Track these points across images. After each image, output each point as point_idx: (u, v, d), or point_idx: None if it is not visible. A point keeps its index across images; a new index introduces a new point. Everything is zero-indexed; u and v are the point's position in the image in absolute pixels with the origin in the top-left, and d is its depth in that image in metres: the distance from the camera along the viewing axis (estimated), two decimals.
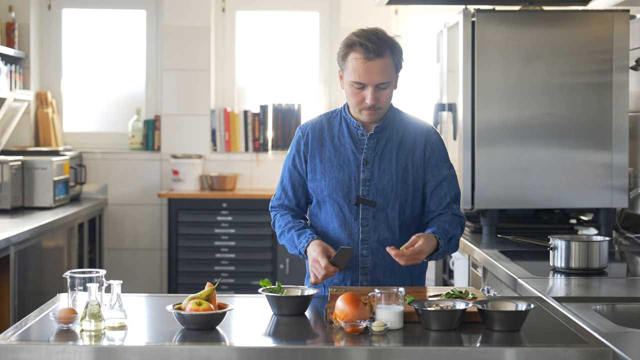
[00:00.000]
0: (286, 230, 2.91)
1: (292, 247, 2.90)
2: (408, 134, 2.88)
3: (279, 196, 3.01)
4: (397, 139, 2.87)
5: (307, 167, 2.91)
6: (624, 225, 4.15)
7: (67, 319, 2.34)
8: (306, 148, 2.91)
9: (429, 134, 2.91)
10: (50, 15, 6.39)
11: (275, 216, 3.01)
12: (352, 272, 2.88)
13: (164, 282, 6.23)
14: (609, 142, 3.98)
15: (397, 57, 2.79)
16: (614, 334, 2.28)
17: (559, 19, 4.04)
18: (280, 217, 2.98)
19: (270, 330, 2.42)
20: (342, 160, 2.86)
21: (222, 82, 6.42)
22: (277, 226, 2.97)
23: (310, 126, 2.94)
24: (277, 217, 3.00)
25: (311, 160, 2.91)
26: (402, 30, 6.35)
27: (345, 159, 2.86)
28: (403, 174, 2.86)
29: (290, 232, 2.89)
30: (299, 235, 2.85)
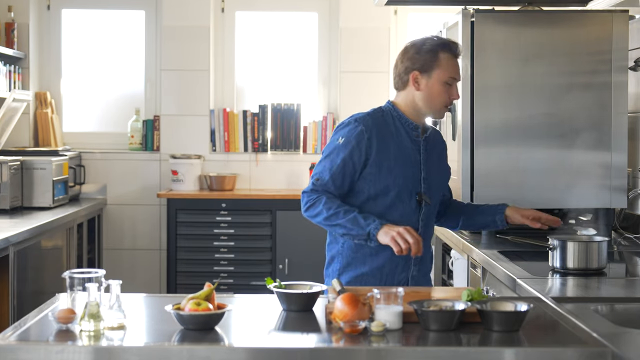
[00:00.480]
0: (342, 212, 2.93)
1: (353, 227, 2.91)
2: (439, 140, 3.20)
3: (325, 181, 2.99)
4: (437, 145, 3.17)
5: (370, 162, 2.98)
6: (622, 225, 4.15)
7: (66, 319, 2.34)
8: (370, 143, 2.98)
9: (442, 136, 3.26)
10: (50, 15, 6.39)
11: (319, 198, 2.97)
12: (405, 261, 3.03)
13: (163, 282, 6.23)
14: (608, 143, 3.98)
15: None
16: (612, 334, 2.28)
17: (558, 19, 4.04)
18: (328, 199, 2.96)
19: (269, 331, 2.42)
20: (406, 158, 3.03)
21: (221, 82, 6.42)
22: (326, 207, 2.95)
23: (371, 121, 3.02)
24: (322, 199, 2.96)
25: (377, 155, 2.98)
26: (401, 31, 6.36)
27: (408, 157, 3.03)
28: (444, 176, 3.22)
29: (350, 213, 2.92)
30: (365, 218, 2.91)
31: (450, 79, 2.98)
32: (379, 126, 3.01)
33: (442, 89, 2.98)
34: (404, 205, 3.03)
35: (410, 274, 3.07)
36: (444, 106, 3.01)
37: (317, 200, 2.98)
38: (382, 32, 6.26)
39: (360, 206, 3.01)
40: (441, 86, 2.98)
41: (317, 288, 2.63)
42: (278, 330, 2.44)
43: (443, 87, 2.98)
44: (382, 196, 3.01)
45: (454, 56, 2.99)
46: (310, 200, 3.00)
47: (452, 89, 2.99)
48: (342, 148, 2.99)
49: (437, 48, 2.97)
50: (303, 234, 5.87)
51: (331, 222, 2.97)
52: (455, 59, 2.99)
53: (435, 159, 3.13)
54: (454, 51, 2.98)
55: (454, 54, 2.98)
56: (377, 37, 6.24)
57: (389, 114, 3.06)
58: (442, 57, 2.97)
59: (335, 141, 3.01)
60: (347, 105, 6.27)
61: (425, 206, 3.08)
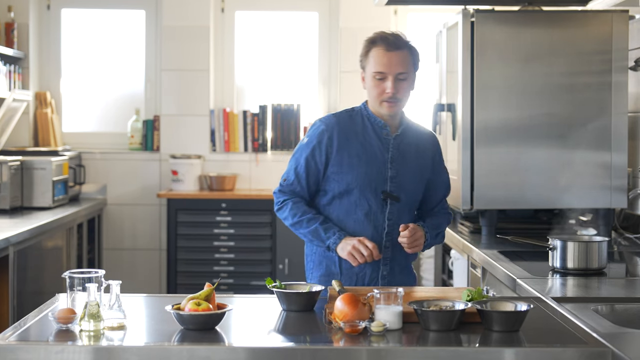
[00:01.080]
0: (305, 221, 3.00)
1: (314, 239, 3.00)
2: (421, 138, 3.14)
3: (291, 181, 3.06)
4: (415, 142, 3.10)
5: (331, 160, 3.01)
6: (623, 225, 4.15)
7: (66, 319, 2.34)
8: (330, 142, 3.01)
9: (435, 139, 3.20)
10: (50, 15, 6.39)
11: (286, 202, 3.06)
12: (374, 262, 3.02)
13: (163, 282, 6.23)
14: (608, 143, 3.98)
15: (415, 56, 3.03)
16: (612, 334, 2.28)
17: (558, 19, 4.04)
18: (294, 205, 3.03)
19: (269, 331, 2.42)
20: (370, 156, 3.01)
21: (221, 83, 6.42)
22: (291, 214, 3.03)
23: (334, 120, 3.05)
24: (288, 204, 3.04)
25: (338, 154, 3.00)
26: (401, 31, 6.34)
27: (372, 155, 3.01)
28: (420, 175, 3.10)
29: (312, 224, 2.99)
30: (325, 230, 2.98)
31: (378, 74, 2.96)
32: (342, 125, 3.03)
33: (374, 82, 2.98)
34: (370, 203, 3.02)
35: (380, 274, 3.06)
36: (379, 101, 3.00)
37: (285, 204, 3.06)
38: None
39: (328, 205, 3.06)
40: (371, 81, 2.99)
41: (317, 288, 2.64)
42: (278, 330, 2.44)
43: (373, 81, 2.98)
44: (347, 195, 3.02)
45: (385, 49, 2.95)
46: (279, 203, 3.09)
47: (384, 84, 2.96)
48: (305, 148, 3.04)
49: (370, 43, 2.99)
50: None
51: (295, 230, 3.06)
52: (387, 52, 2.94)
53: (412, 157, 3.07)
54: (387, 45, 2.95)
55: (386, 48, 2.94)
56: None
57: (359, 113, 3.09)
58: (371, 52, 2.97)
59: (301, 141, 3.09)
60: (347, 105, 6.19)
61: (393, 204, 3.03)
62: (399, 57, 2.95)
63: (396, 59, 2.95)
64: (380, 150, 3.03)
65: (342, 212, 3.04)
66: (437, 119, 4.45)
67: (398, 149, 3.05)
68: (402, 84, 2.98)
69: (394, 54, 2.95)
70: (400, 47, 2.96)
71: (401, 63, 2.96)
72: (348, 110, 3.12)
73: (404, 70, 2.96)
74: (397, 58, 2.95)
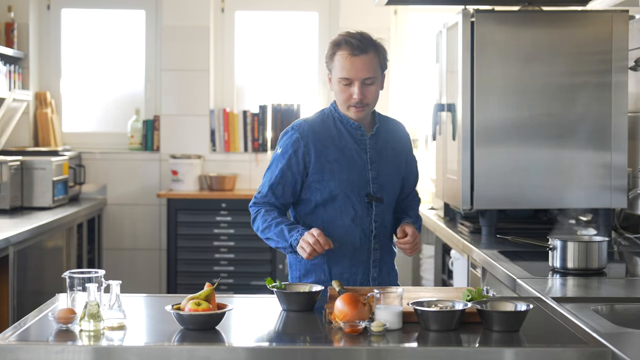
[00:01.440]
0: (274, 225, 2.90)
1: (280, 240, 2.89)
2: (395, 133, 3.10)
3: (265, 194, 2.98)
4: (391, 138, 3.06)
5: (310, 169, 2.94)
6: (623, 225, 4.15)
7: (66, 319, 2.34)
8: (307, 149, 2.94)
9: (405, 130, 3.17)
10: (50, 15, 6.39)
11: (259, 211, 2.97)
12: (364, 265, 3.00)
13: (163, 282, 6.23)
14: (608, 143, 3.98)
15: (382, 56, 2.93)
16: (612, 334, 2.28)
17: (558, 19, 4.04)
18: (265, 213, 2.95)
19: (269, 331, 2.42)
20: (350, 161, 2.96)
21: (221, 83, 6.42)
22: (262, 220, 2.94)
23: (307, 127, 2.97)
24: (261, 212, 2.96)
25: (317, 162, 2.94)
26: (401, 31, 6.36)
27: (352, 159, 2.96)
28: (398, 171, 3.07)
29: (279, 226, 2.89)
30: (290, 230, 2.87)
31: (343, 79, 2.88)
32: (316, 132, 2.95)
33: (340, 88, 2.90)
34: (355, 208, 2.97)
35: (370, 276, 3.02)
36: (347, 106, 2.93)
37: (257, 213, 2.97)
38: (382, 32, 6.17)
39: (310, 214, 2.99)
40: (337, 85, 2.91)
41: (317, 288, 2.64)
42: (278, 330, 2.44)
43: (339, 86, 2.90)
44: (330, 202, 2.96)
45: (351, 54, 2.85)
46: (252, 214, 2.99)
47: (350, 89, 2.88)
48: (279, 158, 2.96)
49: (335, 47, 2.90)
50: None
51: (264, 236, 2.94)
52: (352, 57, 2.85)
53: (389, 154, 3.03)
54: (351, 49, 2.85)
55: (350, 52, 2.85)
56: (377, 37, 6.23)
57: (330, 116, 3.00)
58: (337, 57, 2.89)
59: (275, 151, 3.00)
60: None
61: (377, 206, 3.00)
62: (364, 61, 2.86)
63: (361, 63, 2.85)
64: (358, 152, 2.97)
65: (327, 219, 2.97)
66: (437, 119, 4.45)
67: (375, 148, 3.00)
68: (369, 89, 2.91)
69: (359, 58, 2.85)
70: (365, 50, 2.86)
71: (367, 67, 2.87)
72: (318, 114, 3.02)
73: (370, 75, 2.88)
74: (362, 62, 2.86)
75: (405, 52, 6.36)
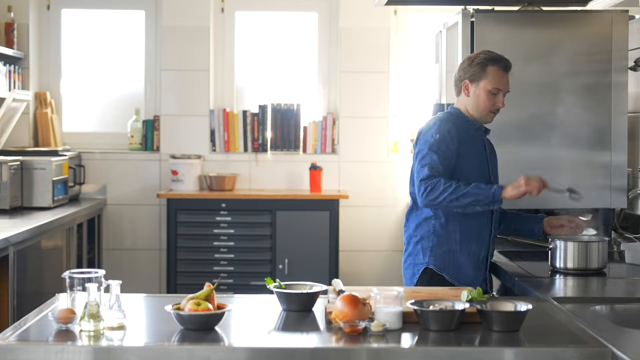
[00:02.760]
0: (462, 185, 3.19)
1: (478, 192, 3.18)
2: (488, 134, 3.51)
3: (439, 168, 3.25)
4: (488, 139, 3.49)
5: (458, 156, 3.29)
6: (622, 225, 4.15)
7: (66, 319, 2.34)
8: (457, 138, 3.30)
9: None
10: (49, 15, 6.39)
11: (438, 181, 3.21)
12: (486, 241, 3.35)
13: (163, 283, 6.23)
14: (607, 143, 3.98)
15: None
16: (612, 334, 2.29)
17: (558, 19, 4.04)
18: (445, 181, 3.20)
19: (269, 331, 2.42)
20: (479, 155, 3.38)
21: (221, 83, 6.42)
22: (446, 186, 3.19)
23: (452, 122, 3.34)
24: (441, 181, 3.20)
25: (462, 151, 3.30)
26: (401, 31, 6.36)
27: (480, 154, 3.39)
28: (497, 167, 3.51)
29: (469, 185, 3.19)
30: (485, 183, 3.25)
31: (495, 89, 3.33)
32: (458, 127, 3.33)
33: (487, 96, 3.34)
34: None
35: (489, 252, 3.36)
36: (488, 112, 3.36)
37: (436, 183, 3.22)
38: (382, 32, 6.26)
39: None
40: (486, 94, 3.33)
41: (317, 288, 2.64)
42: (278, 330, 2.44)
43: (487, 95, 3.33)
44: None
45: (503, 70, 3.35)
46: (429, 185, 3.22)
47: (497, 98, 3.35)
48: (440, 141, 3.28)
49: (488, 61, 3.36)
50: (303, 234, 5.87)
51: (455, 195, 3.19)
52: (502, 72, 3.35)
53: (492, 152, 3.48)
54: (503, 65, 3.35)
55: (502, 68, 3.35)
56: (377, 37, 6.25)
57: (458, 117, 3.38)
58: (490, 70, 3.34)
59: (430, 138, 3.30)
60: (347, 105, 6.27)
61: None
62: (508, 78, 3.39)
63: (507, 79, 3.38)
64: (482, 149, 3.40)
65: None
66: None
67: (489, 147, 3.45)
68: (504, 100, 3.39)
69: (507, 75, 3.37)
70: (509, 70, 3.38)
71: (509, 83, 3.40)
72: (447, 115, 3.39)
73: (509, 90, 3.39)
74: (508, 79, 3.38)
75: (405, 52, 6.36)
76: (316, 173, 6.06)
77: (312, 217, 5.90)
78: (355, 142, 6.25)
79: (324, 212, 5.90)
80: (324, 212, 5.90)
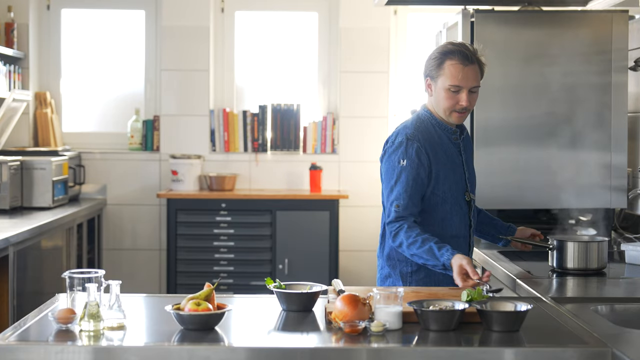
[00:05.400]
0: (420, 241, 2.95)
1: (429, 258, 2.94)
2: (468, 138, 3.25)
3: (405, 205, 3.03)
4: (467, 143, 3.23)
5: (432, 174, 3.05)
6: (622, 225, 4.15)
7: (66, 319, 2.34)
8: (427, 157, 3.05)
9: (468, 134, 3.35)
10: (49, 15, 6.39)
11: (401, 227, 3.02)
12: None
13: (163, 283, 6.23)
14: (607, 143, 3.99)
15: (482, 69, 3.09)
16: (612, 334, 2.29)
17: (558, 19, 4.04)
18: (408, 229, 3.00)
19: (269, 331, 2.42)
20: (453, 163, 3.12)
21: (221, 83, 6.42)
22: (406, 236, 2.99)
23: (420, 136, 3.07)
24: (404, 228, 3.01)
25: (434, 167, 3.06)
26: (401, 31, 6.36)
27: (454, 161, 3.13)
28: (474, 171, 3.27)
29: (426, 244, 2.94)
30: (439, 248, 2.92)
31: (454, 87, 3.02)
32: (427, 139, 3.08)
33: (447, 95, 3.04)
34: (460, 208, 3.13)
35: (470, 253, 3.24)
36: (450, 111, 3.06)
37: (400, 228, 3.02)
38: (382, 32, 6.26)
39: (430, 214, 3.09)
40: (445, 92, 3.04)
41: (317, 288, 2.64)
42: (278, 330, 2.44)
43: (446, 93, 3.03)
44: (442, 204, 3.09)
45: (462, 63, 3.00)
46: (394, 230, 3.04)
47: (460, 96, 3.02)
48: (407, 169, 3.04)
49: (444, 55, 3.03)
50: (303, 234, 5.87)
51: (409, 252, 3.00)
52: (463, 67, 3.00)
53: (469, 156, 3.24)
54: (464, 59, 3.00)
55: (462, 62, 3.00)
56: (377, 37, 6.25)
57: (428, 122, 3.12)
58: (447, 65, 3.02)
59: (397, 164, 3.06)
60: (347, 105, 6.27)
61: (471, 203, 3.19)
62: (472, 71, 3.02)
63: (471, 73, 3.01)
64: (456, 155, 3.14)
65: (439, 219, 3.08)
66: None
67: (464, 151, 3.18)
68: (473, 97, 3.06)
69: (469, 68, 3.01)
70: (473, 61, 3.02)
71: (474, 77, 3.03)
72: (416, 120, 3.13)
73: (476, 84, 3.05)
74: (471, 72, 3.02)
75: (405, 52, 6.36)
76: (316, 173, 6.06)
77: (312, 217, 5.90)
78: (355, 142, 6.26)
79: (324, 212, 5.90)
80: (324, 212, 5.90)
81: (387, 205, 3.09)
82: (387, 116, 6.25)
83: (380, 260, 3.22)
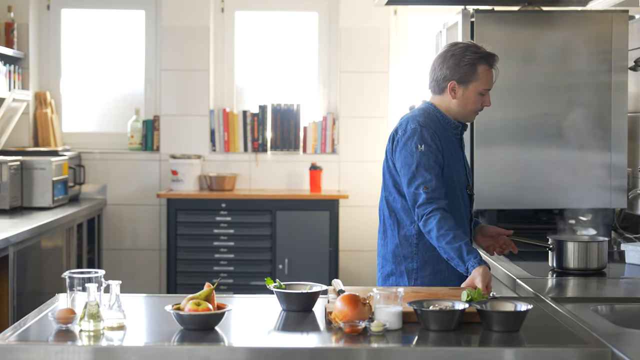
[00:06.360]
0: (452, 236, 2.91)
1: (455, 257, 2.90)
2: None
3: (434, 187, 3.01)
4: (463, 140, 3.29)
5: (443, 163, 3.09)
6: (622, 225, 4.15)
7: (66, 319, 2.34)
8: (440, 144, 3.09)
9: None
10: (49, 15, 6.39)
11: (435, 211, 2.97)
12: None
13: (163, 283, 6.23)
14: (607, 143, 3.98)
15: None
16: (612, 334, 2.29)
17: (558, 19, 4.04)
18: (442, 218, 2.95)
19: (269, 331, 2.42)
20: (457, 155, 3.17)
21: (221, 83, 6.42)
22: (439, 226, 2.94)
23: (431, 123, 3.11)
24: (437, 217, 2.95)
25: (445, 156, 3.10)
26: (401, 31, 6.35)
27: (457, 154, 3.18)
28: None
29: (457, 242, 2.90)
30: (468, 252, 2.88)
31: (485, 90, 3.13)
32: (435, 127, 3.11)
33: (477, 98, 3.12)
34: (464, 199, 3.16)
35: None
36: (475, 111, 3.17)
37: (432, 214, 2.97)
38: (382, 32, 6.26)
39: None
40: (475, 96, 3.12)
41: (317, 288, 2.64)
42: (278, 330, 2.44)
43: (476, 96, 3.12)
44: (451, 194, 3.09)
45: (491, 67, 3.13)
46: (426, 214, 2.99)
47: (486, 98, 3.14)
48: (427, 153, 3.05)
49: (476, 61, 3.10)
50: (303, 234, 5.87)
51: (438, 243, 2.96)
52: (491, 70, 3.12)
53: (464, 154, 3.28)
54: (491, 63, 3.12)
55: (491, 66, 3.12)
56: (377, 37, 6.25)
57: (434, 115, 3.15)
58: (480, 70, 3.10)
59: (415, 150, 3.06)
60: (347, 105, 6.27)
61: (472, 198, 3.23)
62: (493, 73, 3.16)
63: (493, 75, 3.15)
64: (458, 148, 3.20)
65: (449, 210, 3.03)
66: None
67: (462, 147, 3.25)
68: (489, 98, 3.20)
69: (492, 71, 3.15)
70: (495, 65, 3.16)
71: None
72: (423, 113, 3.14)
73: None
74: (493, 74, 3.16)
75: (405, 52, 6.36)
76: (316, 173, 6.06)
77: (312, 217, 5.90)
78: (355, 142, 6.26)
79: (324, 212, 5.90)
80: (323, 212, 5.90)
81: (411, 191, 3.03)
82: (387, 116, 6.24)
83: (380, 259, 3.21)
